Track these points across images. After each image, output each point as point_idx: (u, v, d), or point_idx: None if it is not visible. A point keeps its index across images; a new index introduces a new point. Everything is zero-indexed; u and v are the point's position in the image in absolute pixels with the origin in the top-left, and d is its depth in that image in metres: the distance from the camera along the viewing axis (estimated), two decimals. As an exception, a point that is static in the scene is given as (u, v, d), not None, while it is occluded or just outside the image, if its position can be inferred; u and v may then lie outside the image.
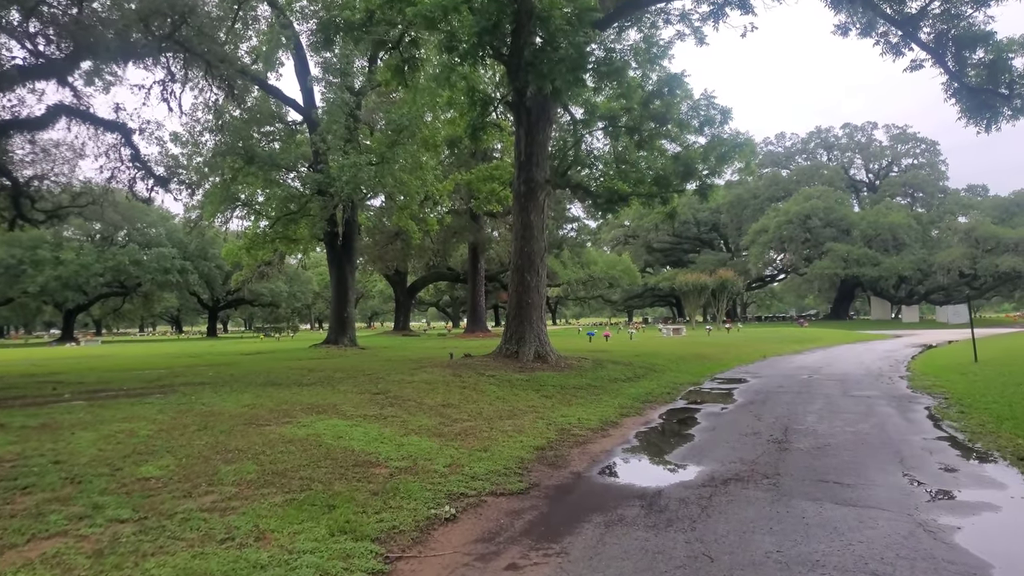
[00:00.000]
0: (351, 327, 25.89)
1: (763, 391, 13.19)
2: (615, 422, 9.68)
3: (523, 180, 16.47)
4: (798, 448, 7.64)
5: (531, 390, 12.23)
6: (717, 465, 6.94)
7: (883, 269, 59.42)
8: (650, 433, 9.04)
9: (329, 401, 10.00)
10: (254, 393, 10.69)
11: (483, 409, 10.11)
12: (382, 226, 33.52)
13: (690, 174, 18.73)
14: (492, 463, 6.90)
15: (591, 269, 50.71)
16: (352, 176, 21.44)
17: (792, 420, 9.54)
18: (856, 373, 16.46)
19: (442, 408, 10.00)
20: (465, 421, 9.20)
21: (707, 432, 8.85)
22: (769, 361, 21.41)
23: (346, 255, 25.94)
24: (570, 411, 10.34)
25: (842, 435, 8.34)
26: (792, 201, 67.03)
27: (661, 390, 13.16)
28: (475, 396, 11.19)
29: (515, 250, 16.60)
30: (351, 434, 7.85)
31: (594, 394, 12.22)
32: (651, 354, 20.57)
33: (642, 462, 7.32)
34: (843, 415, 9.87)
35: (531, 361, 15.44)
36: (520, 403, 10.88)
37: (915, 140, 74.68)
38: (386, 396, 10.69)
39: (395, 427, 8.51)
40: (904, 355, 23.09)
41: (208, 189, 26.07)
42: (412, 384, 11.93)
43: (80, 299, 60.56)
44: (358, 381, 12.31)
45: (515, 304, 16.29)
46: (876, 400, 11.42)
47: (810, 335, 37.09)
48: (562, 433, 8.68)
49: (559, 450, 7.75)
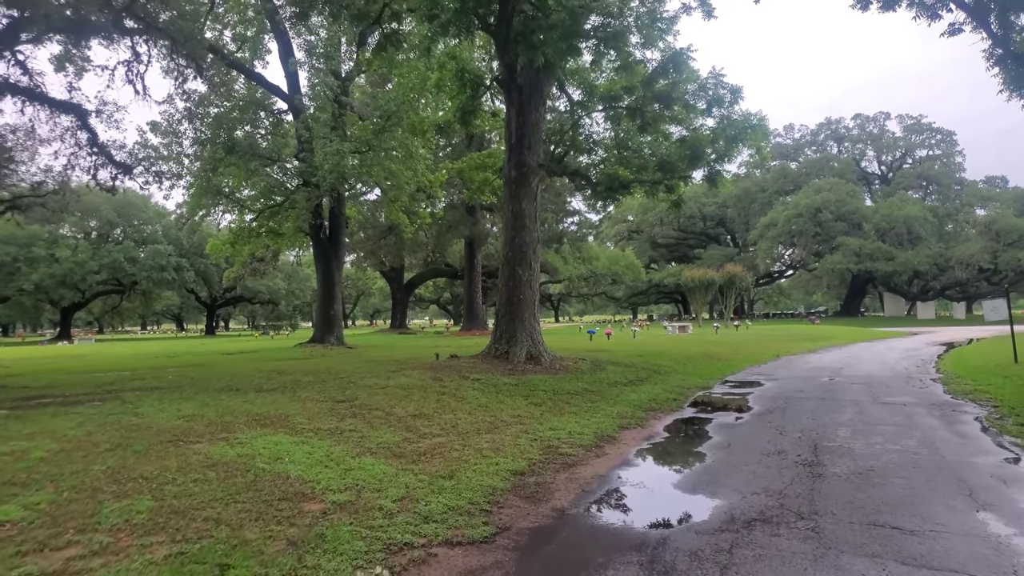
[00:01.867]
0: (338, 325, 24.54)
1: (781, 396, 11.76)
2: (612, 436, 8.28)
3: (514, 164, 15.07)
4: (835, 474, 6.22)
5: (519, 396, 10.85)
6: (736, 497, 5.54)
7: (897, 264, 57.61)
8: (653, 451, 7.64)
9: (282, 411, 8.65)
10: (201, 401, 9.35)
11: (459, 421, 8.73)
12: (374, 220, 32.16)
13: (697, 159, 17.29)
14: (455, 496, 5.52)
15: (593, 265, 49.21)
16: (335, 165, 20.10)
17: (821, 434, 8.11)
18: (882, 375, 15.00)
19: (412, 419, 8.63)
20: (435, 436, 7.82)
21: (721, 450, 7.44)
22: (783, 361, 19.95)
23: (333, 249, 24.58)
24: (561, 422, 8.94)
25: (885, 455, 6.93)
26: (802, 194, 65.30)
27: (666, 396, 11.75)
28: (453, 404, 9.81)
29: (505, 241, 15.21)
30: (292, 455, 6.50)
31: (590, 401, 10.82)
32: (656, 354, 19.15)
33: (643, 493, 5.92)
34: (880, 428, 8.44)
35: (522, 362, 14.06)
36: (504, 412, 9.50)
37: (930, 130, 72.70)
38: (351, 405, 9.34)
39: (349, 445, 7.15)
40: (928, 354, 21.59)
41: (189, 181, 24.82)
42: (385, 390, 10.57)
43: (76, 297, 59.48)
44: (326, 386, 10.96)
45: (505, 300, 14.90)
46: (914, 409, 9.98)
47: (823, 333, 35.57)
48: (548, 452, 7.29)
49: (542, 475, 6.37)
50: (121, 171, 15.52)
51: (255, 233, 26.46)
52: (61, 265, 53.81)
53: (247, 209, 25.11)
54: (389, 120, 21.57)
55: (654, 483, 6.24)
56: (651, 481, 6.33)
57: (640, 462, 7.07)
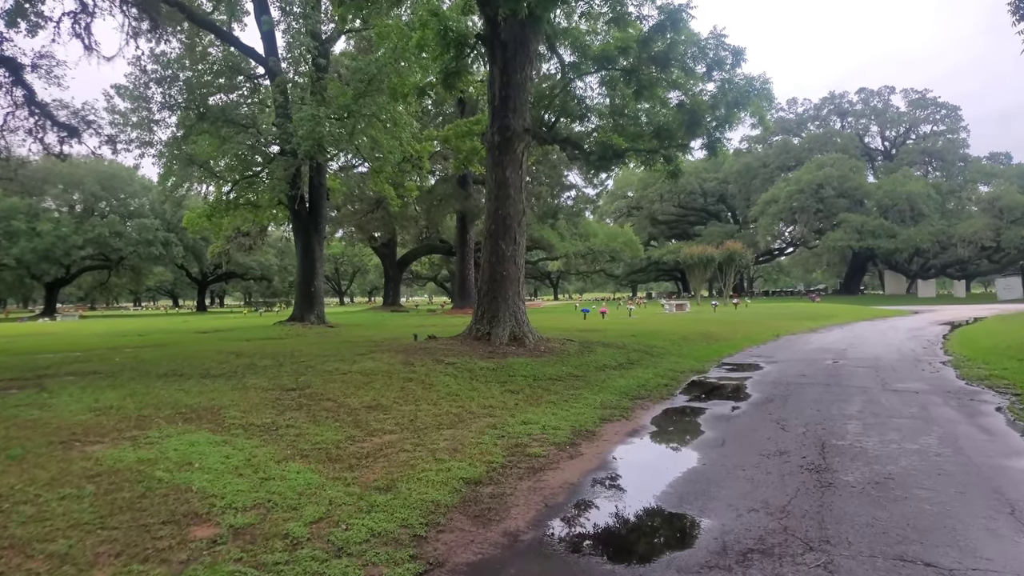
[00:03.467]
0: (319, 303, 23.46)
1: (782, 382, 10.77)
2: (592, 431, 7.27)
3: (497, 128, 13.90)
4: (847, 483, 5.22)
5: (495, 383, 9.85)
6: (730, 516, 4.54)
7: (899, 241, 56.40)
8: (636, 451, 6.63)
9: (217, 402, 7.63)
10: (130, 389, 8.33)
11: (420, 413, 7.72)
12: (361, 193, 30.95)
13: (696, 126, 16.11)
14: (385, 516, 4.51)
15: (591, 242, 48.02)
16: (310, 130, 18.86)
17: (828, 430, 7.11)
18: (888, 357, 14.01)
19: (365, 412, 7.62)
20: (386, 433, 6.81)
21: (714, 450, 6.44)
22: (783, 341, 18.96)
23: (313, 223, 23.42)
24: (536, 414, 7.94)
25: (903, 457, 5.92)
26: (804, 170, 63.86)
27: (657, 381, 10.74)
28: (419, 393, 8.80)
29: (488, 213, 14.10)
30: (206, 459, 5.49)
31: (573, 388, 9.82)
32: (650, 334, 18.16)
33: (618, 509, 4.92)
34: (894, 422, 7.43)
35: (505, 344, 13.04)
36: (475, 403, 8.48)
37: (935, 105, 70.96)
38: (300, 394, 8.32)
39: (279, 445, 6.13)
40: (933, 334, 20.62)
41: (160, 150, 23.60)
42: (344, 376, 9.56)
43: (59, 272, 58.30)
44: (280, 371, 9.95)
45: (488, 277, 13.84)
46: (928, 397, 8.97)
47: (823, 311, 34.60)
48: (514, 452, 6.29)
49: (501, 484, 5.36)
50: (67, 134, 14.31)
51: (232, 205, 25.29)
52: (43, 239, 52.51)
53: (222, 180, 23.88)
54: (370, 84, 20.28)
55: (633, 494, 5.23)
56: (630, 491, 5.31)
57: (619, 465, 6.07)
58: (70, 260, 57.73)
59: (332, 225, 38.14)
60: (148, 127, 23.43)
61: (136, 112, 23.10)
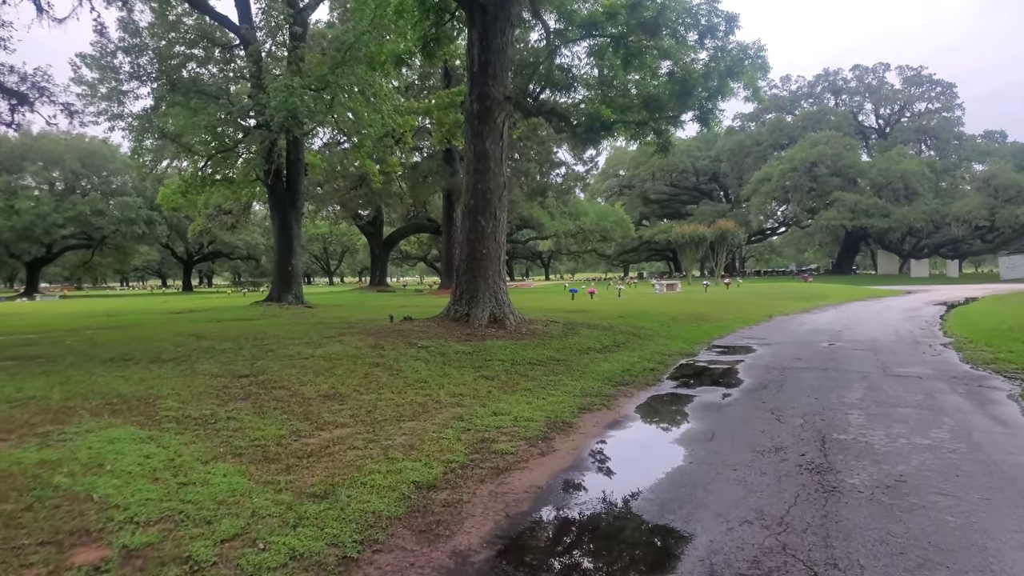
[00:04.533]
0: (297, 282, 22.66)
1: (776, 366, 10.13)
2: (568, 423, 6.60)
3: (476, 96, 13.06)
4: (854, 488, 4.56)
5: (469, 368, 9.16)
6: (719, 530, 3.88)
7: (893, 220, 55.82)
8: (615, 446, 5.96)
9: (155, 391, 6.92)
10: (65, 376, 7.61)
11: (381, 403, 7.02)
12: (344, 169, 30.00)
13: (687, 96, 15.36)
14: (313, 532, 3.81)
15: (581, 220, 47.20)
16: (284, 101, 17.94)
17: (828, 421, 6.46)
18: (886, 339, 13.40)
19: (319, 402, 6.92)
20: (338, 427, 6.11)
21: (703, 445, 5.78)
22: (776, 322, 18.35)
23: (290, 199, 22.53)
24: (509, 403, 7.25)
25: (914, 455, 5.28)
26: (797, 148, 63.03)
27: (643, 365, 10.08)
28: (384, 380, 8.10)
29: (467, 187, 13.31)
30: (122, 460, 4.78)
31: (552, 374, 9.13)
32: (638, 315, 17.51)
33: (589, 521, 4.25)
34: (900, 412, 6.79)
35: (484, 326, 12.35)
36: (444, 390, 7.79)
37: (930, 82, 70.06)
38: (252, 381, 7.61)
39: (212, 442, 5.43)
40: (929, 314, 20.06)
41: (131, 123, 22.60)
42: (306, 361, 8.84)
43: (40, 251, 57.07)
44: (238, 355, 9.23)
45: (467, 255, 13.09)
46: (933, 384, 8.34)
47: (816, 291, 34.06)
48: (479, 449, 5.60)
49: (458, 489, 4.68)
50: (17, 101, 13.37)
51: (208, 181, 24.35)
52: (21, 217, 51.25)
53: (197, 155, 22.91)
54: (347, 53, 19.31)
55: (608, 501, 4.55)
56: (604, 497, 4.64)
57: (595, 464, 5.40)
58: (51, 239, 56.52)
59: (315, 203, 37.19)
60: (117, 98, 22.41)
61: (104, 82, 22.04)
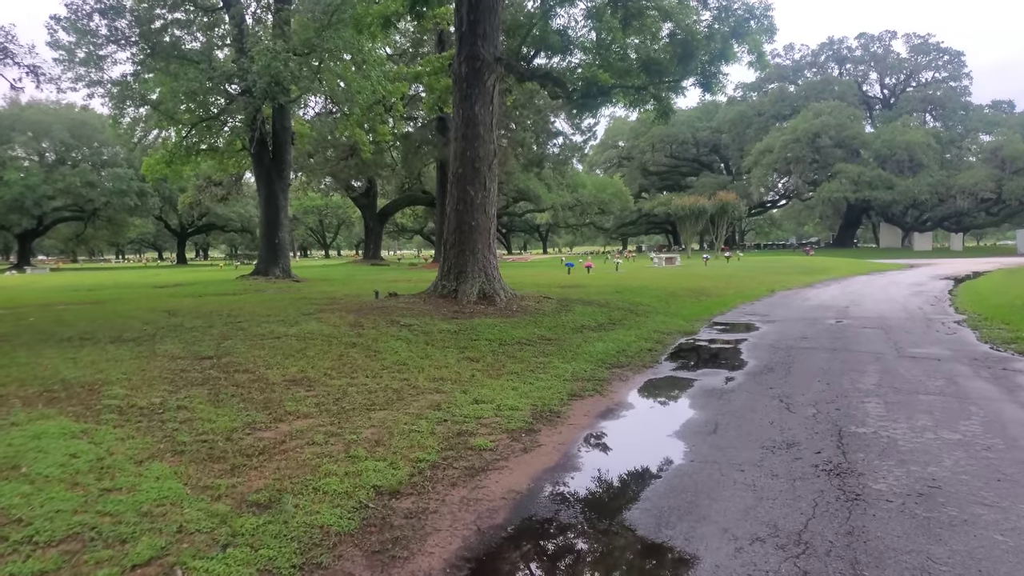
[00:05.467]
0: (284, 255, 21.96)
1: (782, 345, 9.51)
2: (556, 412, 5.99)
3: (464, 57, 12.24)
4: (879, 494, 3.96)
5: (453, 349, 8.53)
6: (727, 552, 3.27)
7: (897, 193, 54.88)
8: (607, 442, 5.36)
9: (104, 376, 6.30)
10: (8, 359, 7.04)
11: (352, 389, 6.40)
12: (335, 139, 29.10)
13: (689, 58, 14.53)
14: (245, 555, 3.20)
15: (579, 193, 46.28)
16: (266, 66, 17.08)
17: (843, 411, 5.85)
18: (896, 316, 12.78)
19: (284, 388, 6.30)
20: (300, 417, 5.49)
21: (705, 439, 5.17)
22: (779, 297, 17.73)
23: (276, 169, 21.71)
24: (493, 389, 6.64)
25: (945, 453, 4.67)
26: (800, 118, 61.77)
27: (640, 345, 9.46)
28: (359, 362, 7.48)
29: (454, 154, 12.56)
30: (40, 461, 4.19)
31: (543, 355, 8.51)
32: (636, 290, 16.88)
33: (573, 538, 3.65)
34: (922, 400, 6.18)
35: (473, 303, 11.71)
36: (424, 374, 7.17)
37: (938, 51, 68.46)
38: (215, 363, 6.99)
39: (153, 437, 4.82)
40: (937, 289, 19.45)
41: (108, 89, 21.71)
42: (277, 341, 8.22)
43: (30, 223, 56.14)
44: (206, 334, 8.61)
45: (455, 227, 12.40)
46: (954, 366, 7.73)
47: (818, 265, 33.41)
48: (454, 444, 4.99)
49: (425, 496, 4.07)
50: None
51: (193, 151, 23.52)
52: (10, 189, 50.28)
53: (179, 123, 22.02)
54: (334, 15, 18.38)
55: (597, 511, 3.95)
56: (593, 506, 4.04)
57: (584, 462, 4.79)
58: (41, 211, 55.60)
59: (307, 174, 36.29)
60: (96, 64, 21.48)
61: (80, 47, 21.09)
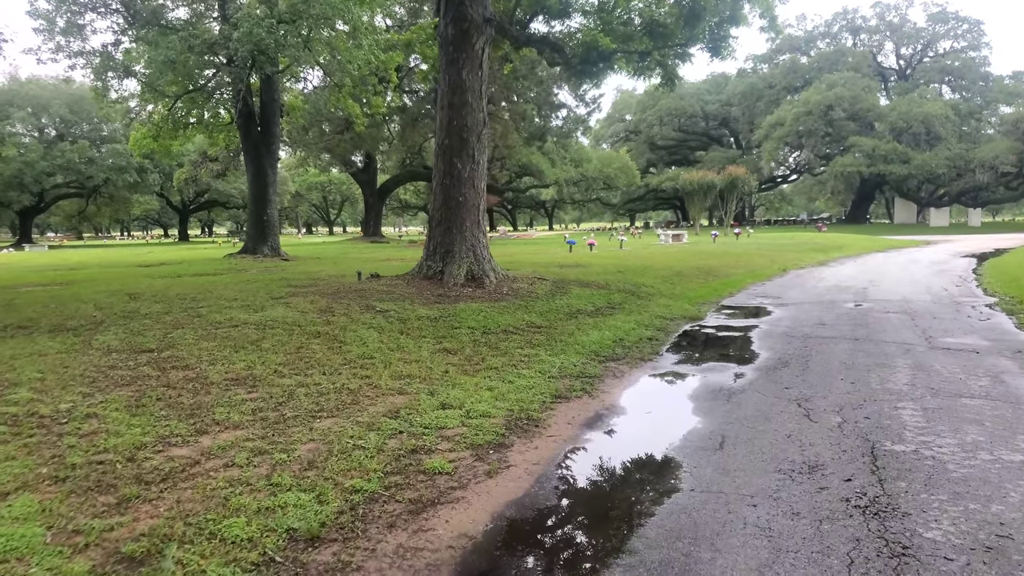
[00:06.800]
0: (273, 232, 21.08)
1: (796, 334, 8.59)
2: (535, 419, 5.11)
3: (451, 19, 11.21)
4: (934, 548, 3.06)
5: (430, 339, 7.66)
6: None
7: (913, 167, 53.17)
8: (590, 461, 4.48)
9: (14, 376, 5.58)
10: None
11: (300, 390, 5.54)
12: (329, 112, 28.04)
13: (696, 19, 13.41)
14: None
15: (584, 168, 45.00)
16: (248, 32, 16.05)
17: (874, 420, 4.94)
18: (919, 299, 11.80)
19: (223, 389, 5.46)
20: (228, 428, 4.63)
21: (708, 459, 4.29)
22: (791, 277, 16.75)
23: (264, 142, 20.76)
24: (466, 389, 5.76)
25: (1010, 483, 3.76)
26: (812, 90, 59.89)
27: (639, 333, 8.54)
28: (318, 356, 6.62)
29: (440, 124, 11.58)
30: None
31: (530, 345, 7.62)
32: (639, 269, 15.95)
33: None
34: (965, 405, 5.26)
35: (460, 285, 10.82)
36: (389, 371, 6.30)
37: (956, 19, 66.09)
38: (154, 358, 6.18)
39: (36, 458, 4.00)
40: (960, 268, 18.41)
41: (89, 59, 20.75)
42: (235, 330, 7.39)
43: (29, 200, 55.51)
44: (159, 321, 7.79)
45: (441, 203, 11.47)
46: (995, 361, 6.79)
47: (832, 241, 32.25)
48: (405, 465, 4.13)
49: (351, 543, 3.20)
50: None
51: (180, 124, 22.57)
52: (8, 165, 49.55)
53: (162, 95, 21.04)
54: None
55: (567, 570, 3.08)
56: (564, 563, 3.16)
57: (557, 492, 3.91)
58: (40, 188, 54.98)
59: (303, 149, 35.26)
60: (79, 32, 20.51)
61: (60, 14, 20.11)
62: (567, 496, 3.86)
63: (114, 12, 20.12)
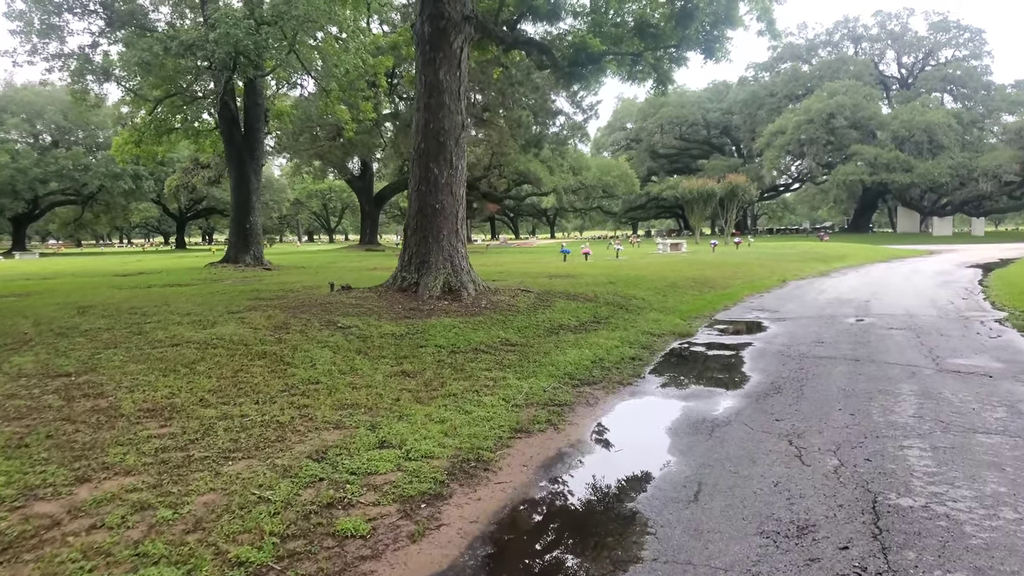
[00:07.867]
0: (256, 241, 20.44)
1: (792, 354, 7.89)
2: (486, 460, 4.42)
3: (427, 16, 10.59)
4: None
5: (389, 359, 6.99)
6: None
7: (916, 175, 52.45)
8: (539, 519, 3.79)
9: None
10: None
11: (222, 424, 4.86)
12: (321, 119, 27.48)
13: (688, 19, 12.81)
14: None
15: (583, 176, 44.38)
16: (225, 34, 15.47)
17: (876, 464, 4.25)
18: (925, 313, 11.10)
19: (132, 423, 4.77)
20: (116, 475, 3.95)
21: (679, 515, 3.59)
22: (791, 288, 16.05)
23: (248, 149, 20.16)
24: (414, 422, 5.07)
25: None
26: (814, 98, 59.32)
27: (622, 352, 7.85)
28: (256, 381, 5.95)
29: (416, 127, 10.95)
30: None
31: (499, 366, 6.94)
32: (632, 280, 15.27)
33: None
34: (982, 444, 4.56)
35: (435, 298, 10.15)
36: (332, 399, 5.62)
37: (958, 28, 65.55)
38: (67, 384, 5.54)
39: None
40: (965, 279, 17.71)
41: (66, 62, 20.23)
42: (174, 349, 6.73)
43: (23, 207, 55.04)
44: (94, 339, 7.14)
45: (416, 211, 10.81)
46: (1012, 387, 6.08)
47: (834, 251, 31.54)
48: (312, 526, 3.43)
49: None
50: None
51: (163, 129, 22.00)
52: (1, 172, 49.07)
53: (142, 98, 20.49)
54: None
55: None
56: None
57: (491, 568, 3.22)
58: (34, 195, 54.55)
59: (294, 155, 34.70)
60: (57, 34, 19.99)
61: (35, 13, 19.60)
62: (501, 570, 3.16)
63: (91, 13, 19.61)
